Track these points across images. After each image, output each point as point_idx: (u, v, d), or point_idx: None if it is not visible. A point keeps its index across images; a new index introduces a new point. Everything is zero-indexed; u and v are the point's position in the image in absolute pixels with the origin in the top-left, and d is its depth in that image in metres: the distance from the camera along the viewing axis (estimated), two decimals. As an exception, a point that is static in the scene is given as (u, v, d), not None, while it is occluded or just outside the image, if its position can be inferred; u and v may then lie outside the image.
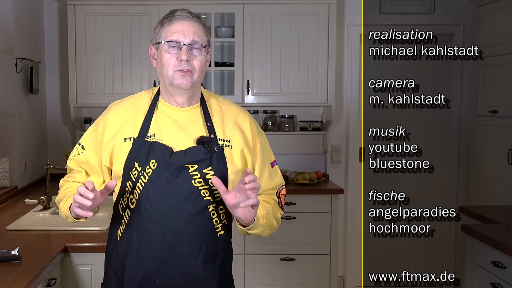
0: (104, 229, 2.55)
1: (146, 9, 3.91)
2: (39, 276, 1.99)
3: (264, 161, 1.78)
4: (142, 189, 1.64)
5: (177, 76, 1.65)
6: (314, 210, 3.88)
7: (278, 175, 1.82)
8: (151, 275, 1.66)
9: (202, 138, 1.67)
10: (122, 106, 1.76)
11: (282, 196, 1.81)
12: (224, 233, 1.71)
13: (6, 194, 3.28)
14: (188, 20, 1.66)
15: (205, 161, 1.65)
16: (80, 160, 1.79)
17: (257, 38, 3.97)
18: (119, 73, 3.96)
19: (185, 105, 1.72)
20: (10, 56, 3.47)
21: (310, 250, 3.90)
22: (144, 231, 1.65)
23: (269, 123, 4.17)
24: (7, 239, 2.42)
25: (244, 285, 3.89)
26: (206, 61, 1.72)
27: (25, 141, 3.69)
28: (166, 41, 1.65)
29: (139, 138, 1.67)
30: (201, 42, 1.66)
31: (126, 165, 1.67)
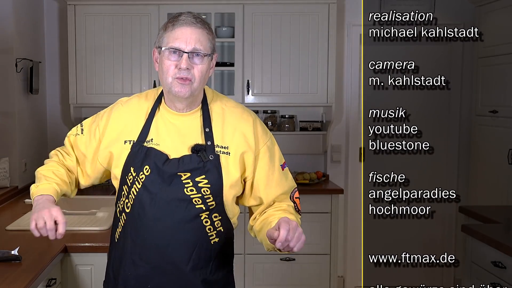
0: (104, 229, 2.54)
1: (146, 9, 3.91)
2: (39, 276, 1.99)
3: (273, 163, 1.72)
4: (136, 194, 1.64)
5: (176, 84, 1.60)
6: (314, 210, 3.88)
7: (290, 178, 1.77)
8: (144, 279, 1.66)
9: (197, 146, 1.64)
10: (128, 107, 1.73)
11: (297, 199, 1.77)
12: (219, 240, 1.69)
13: (6, 194, 3.28)
14: (191, 26, 1.60)
15: (198, 170, 1.62)
16: (76, 143, 1.78)
17: (257, 38, 3.97)
18: (119, 73, 3.96)
19: (185, 110, 1.69)
20: (10, 56, 3.46)
21: (310, 250, 3.90)
22: (137, 235, 1.65)
23: (269, 123, 4.17)
24: (7, 239, 2.42)
25: (244, 285, 3.89)
26: (210, 68, 1.66)
27: (25, 141, 3.69)
28: (167, 48, 1.61)
29: (138, 143, 1.66)
30: (203, 51, 1.60)
31: (124, 169, 1.67)
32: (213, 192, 1.64)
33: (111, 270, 1.74)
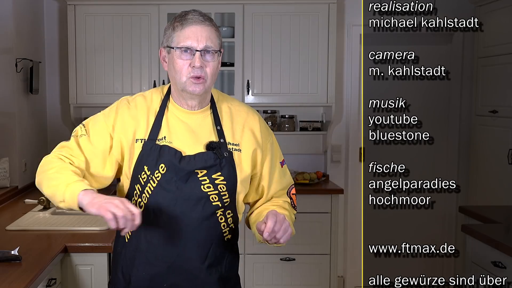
0: (104, 229, 2.55)
1: (146, 9, 3.91)
2: (39, 276, 1.99)
3: (275, 160, 1.78)
4: (151, 193, 1.63)
5: (190, 83, 1.61)
6: (314, 210, 3.88)
7: (288, 175, 1.83)
8: (159, 279, 1.66)
9: (212, 143, 1.66)
10: (135, 103, 1.70)
11: (293, 196, 1.81)
12: (231, 237, 1.72)
13: (6, 194, 3.28)
14: (200, 24, 1.62)
15: (214, 167, 1.64)
16: (83, 143, 1.67)
17: (257, 38, 3.97)
18: (119, 73, 3.96)
19: (197, 107, 1.69)
20: (10, 56, 3.47)
21: (310, 250, 3.90)
22: (153, 235, 1.65)
23: (269, 123, 4.17)
24: (7, 239, 2.42)
25: (244, 285, 3.89)
26: (218, 64, 1.68)
27: (25, 141, 3.69)
28: (178, 47, 1.61)
29: (150, 141, 1.65)
30: (214, 48, 1.62)
31: (136, 168, 1.65)
32: (228, 188, 1.66)
33: (120, 271, 1.72)
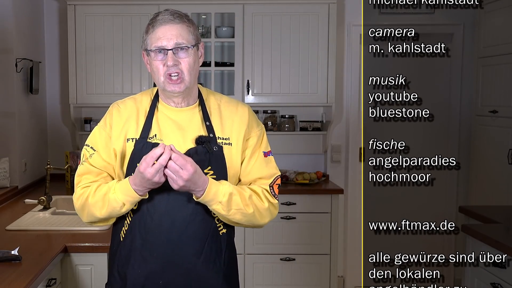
0: (104, 229, 2.55)
1: (146, 9, 3.91)
2: (39, 276, 1.99)
3: (255, 148, 1.76)
4: None
5: (167, 83, 1.65)
6: (314, 210, 3.88)
7: (272, 166, 1.79)
8: (155, 276, 1.67)
9: (201, 137, 1.68)
10: (125, 106, 1.76)
11: (276, 185, 1.78)
12: (226, 231, 1.73)
13: (6, 194, 3.28)
14: (169, 23, 1.66)
15: (204, 162, 1.65)
16: (96, 162, 1.72)
17: (257, 38, 3.97)
18: (119, 73, 3.96)
19: (183, 104, 1.72)
20: (10, 56, 3.47)
21: (310, 250, 3.90)
22: (147, 231, 1.67)
23: (269, 123, 4.17)
24: (7, 239, 2.42)
25: (244, 285, 3.89)
26: (199, 57, 1.71)
27: (25, 141, 3.69)
28: (152, 49, 1.66)
29: (141, 140, 1.68)
30: (186, 43, 1.65)
31: (129, 166, 1.68)
32: None
33: (116, 271, 1.73)
